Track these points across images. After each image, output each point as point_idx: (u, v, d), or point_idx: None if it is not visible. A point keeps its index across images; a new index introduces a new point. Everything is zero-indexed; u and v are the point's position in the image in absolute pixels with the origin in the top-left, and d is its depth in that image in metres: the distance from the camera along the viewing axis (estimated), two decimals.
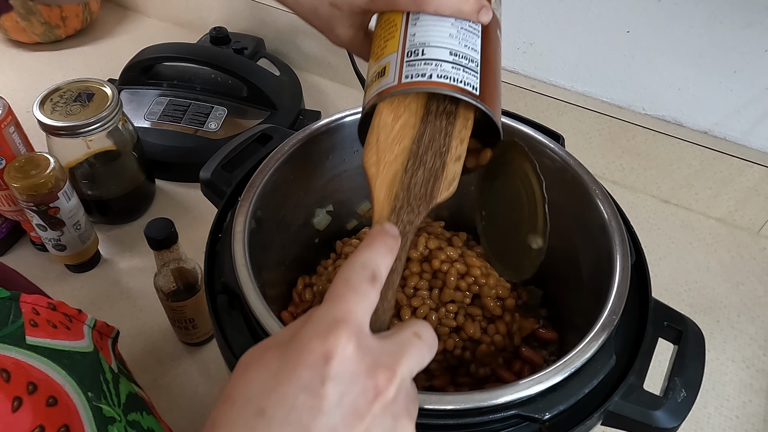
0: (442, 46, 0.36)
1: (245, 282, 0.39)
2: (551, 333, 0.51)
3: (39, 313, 0.38)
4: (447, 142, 0.37)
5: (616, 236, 0.43)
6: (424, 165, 0.37)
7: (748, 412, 0.59)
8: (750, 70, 0.67)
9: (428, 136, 0.38)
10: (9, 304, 0.37)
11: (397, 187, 0.36)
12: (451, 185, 0.36)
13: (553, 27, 0.75)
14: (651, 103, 0.75)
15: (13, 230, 0.70)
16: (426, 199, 0.36)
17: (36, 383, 0.34)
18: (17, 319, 0.37)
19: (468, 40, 0.37)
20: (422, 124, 0.38)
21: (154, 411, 0.46)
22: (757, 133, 0.71)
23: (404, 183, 0.36)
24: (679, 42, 0.68)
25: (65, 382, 0.36)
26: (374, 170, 0.36)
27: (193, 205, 0.77)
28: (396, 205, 0.35)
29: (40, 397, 0.34)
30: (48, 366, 0.36)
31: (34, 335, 0.36)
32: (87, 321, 0.42)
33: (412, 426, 0.28)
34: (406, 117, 0.38)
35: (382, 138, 0.37)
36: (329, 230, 0.58)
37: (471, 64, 0.36)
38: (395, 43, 0.38)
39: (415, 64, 0.36)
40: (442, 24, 0.37)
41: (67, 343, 0.38)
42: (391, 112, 0.38)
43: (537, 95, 0.79)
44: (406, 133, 0.37)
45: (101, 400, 0.38)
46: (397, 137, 0.37)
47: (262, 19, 0.97)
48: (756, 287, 0.70)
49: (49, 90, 0.65)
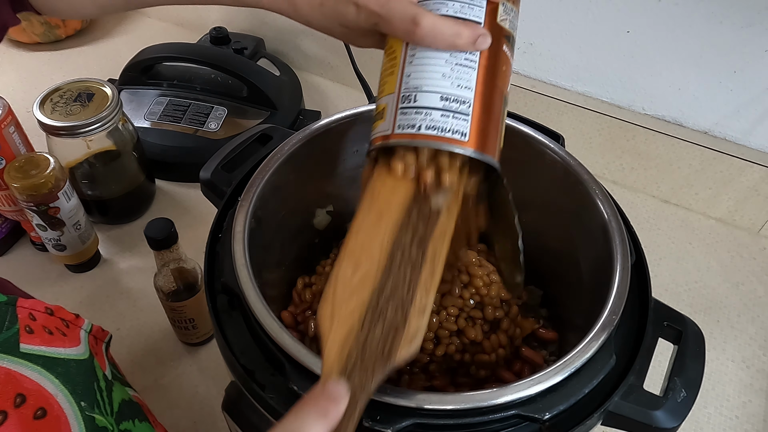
0: (434, 91, 0.35)
1: (245, 282, 0.39)
2: (551, 333, 0.51)
3: (36, 318, 0.38)
4: (411, 293, 0.35)
5: (616, 236, 0.43)
6: (384, 319, 0.34)
7: (748, 412, 0.59)
8: (750, 70, 0.67)
9: (390, 287, 0.35)
10: (5, 309, 0.37)
11: (351, 344, 0.33)
12: (412, 341, 0.33)
13: (553, 27, 0.75)
14: (651, 103, 0.75)
15: (13, 230, 0.70)
16: (383, 358, 0.32)
17: (25, 395, 0.34)
18: (12, 325, 0.36)
19: (462, 78, 0.36)
20: (384, 274, 0.35)
21: (150, 415, 0.45)
22: (757, 133, 0.71)
23: (359, 340, 0.33)
24: (679, 42, 0.68)
25: (58, 392, 0.36)
26: (327, 325, 0.33)
27: (193, 205, 0.77)
28: (348, 365, 0.32)
29: (27, 410, 0.33)
30: (41, 375, 0.35)
31: (28, 342, 0.36)
32: (84, 326, 0.42)
33: None
34: (367, 267, 0.35)
35: (339, 290, 0.35)
36: (329, 230, 0.58)
37: (462, 106, 0.35)
38: (393, 82, 0.37)
39: (407, 113, 0.35)
40: (436, 61, 0.36)
41: (62, 351, 0.38)
42: (352, 262, 0.36)
43: (537, 95, 0.79)
44: (366, 284, 0.35)
45: (94, 409, 0.38)
46: (356, 289, 0.35)
47: (262, 19, 0.97)
48: (756, 287, 0.70)
49: (49, 90, 0.65)
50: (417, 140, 0.35)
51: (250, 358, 0.38)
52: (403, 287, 0.35)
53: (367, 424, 0.33)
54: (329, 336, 0.33)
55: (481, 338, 0.47)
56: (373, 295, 0.35)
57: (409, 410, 0.34)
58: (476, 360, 0.47)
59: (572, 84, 0.79)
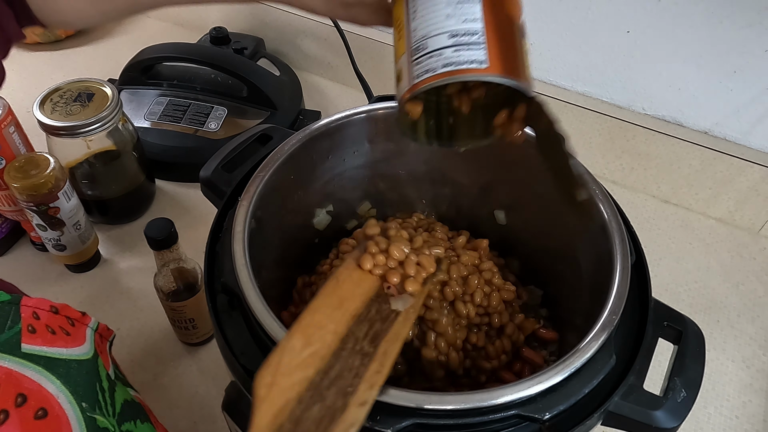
0: (441, 32, 0.35)
1: (245, 282, 0.39)
2: (551, 333, 0.51)
3: (39, 317, 0.38)
4: (355, 383, 0.34)
5: (616, 236, 0.43)
6: (323, 401, 0.32)
7: (748, 412, 0.59)
8: (750, 70, 0.67)
9: (336, 371, 0.34)
10: (9, 308, 0.37)
11: (284, 418, 0.31)
12: (347, 431, 0.32)
13: (553, 27, 0.75)
14: (651, 103, 0.75)
15: (13, 230, 0.70)
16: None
17: (26, 394, 0.34)
18: (15, 324, 0.36)
19: (466, 13, 0.36)
20: (333, 358, 0.35)
21: (151, 415, 0.45)
22: (757, 133, 0.71)
23: (294, 415, 0.32)
24: (679, 42, 0.68)
25: (59, 393, 0.35)
26: (263, 392, 0.32)
27: (193, 205, 0.77)
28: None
29: (28, 410, 0.33)
30: (42, 375, 0.35)
31: (30, 342, 0.36)
32: (90, 324, 0.42)
33: None
34: (317, 347, 0.35)
35: (284, 361, 0.34)
36: (329, 230, 0.58)
37: (473, 38, 0.35)
38: (403, 43, 0.37)
39: (420, 62, 0.35)
40: (437, 5, 0.36)
41: (65, 351, 0.38)
42: (303, 338, 0.35)
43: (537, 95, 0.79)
44: (313, 363, 0.34)
45: (95, 410, 0.37)
46: (302, 365, 0.34)
47: (262, 19, 0.97)
48: (756, 287, 0.70)
49: (49, 90, 0.65)
50: (437, 81, 0.34)
51: (250, 358, 0.38)
52: (349, 374, 0.34)
53: (367, 424, 0.33)
54: (263, 404, 0.32)
55: (483, 343, 0.47)
56: (317, 374, 0.34)
57: (409, 410, 0.34)
58: (478, 365, 0.47)
59: (572, 84, 0.79)
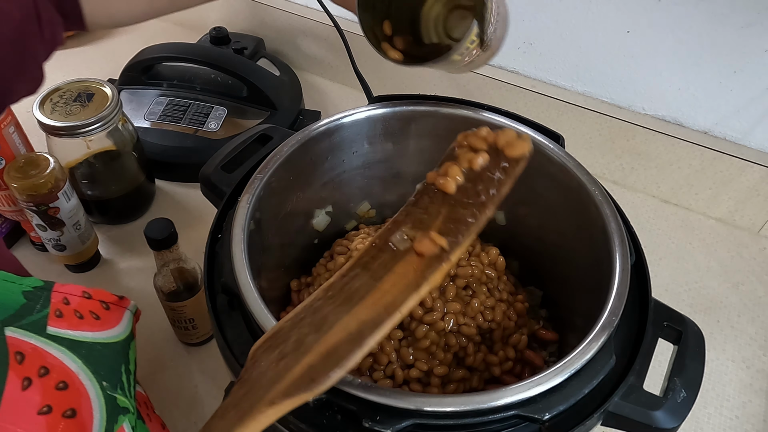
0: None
1: (244, 283, 0.39)
2: (551, 334, 0.51)
3: (69, 302, 0.39)
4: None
5: (616, 236, 0.43)
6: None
7: (748, 412, 0.59)
8: (750, 70, 0.67)
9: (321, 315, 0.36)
10: (40, 294, 0.38)
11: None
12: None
13: (553, 27, 0.75)
14: (651, 103, 0.75)
15: (13, 230, 0.70)
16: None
17: (49, 368, 0.35)
18: (44, 308, 0.38)
19: None
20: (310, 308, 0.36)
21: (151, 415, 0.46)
22: (757, 133, 0.71)
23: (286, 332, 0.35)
24: (679, 42, 0.68)
25: (79, 370, 0.37)
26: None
27: (193, 205, 0.77)
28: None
29: (50, 380, 0.35)
30: (64, 354, 0.37)
31: (56, 326, 0.37)
32: (129, 306, 0.43)
33: None
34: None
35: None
36: (328, 231, 0.58)
37: None
38: None
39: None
40: None
41: (89, 335, 0.39)
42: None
43: (537, 95, 0.79)
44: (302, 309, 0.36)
45: (117, 390, 0.38)
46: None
47: (262, 19, 0.97)
48: (756, 287, 0.70)
49: (49, 90, 0.65)
50: None
51: None
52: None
53: (367, 424, 0.33)
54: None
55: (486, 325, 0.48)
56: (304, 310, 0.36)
57: (409, 412, 0.34)
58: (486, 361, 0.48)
59: (572, 84, 0.79)
